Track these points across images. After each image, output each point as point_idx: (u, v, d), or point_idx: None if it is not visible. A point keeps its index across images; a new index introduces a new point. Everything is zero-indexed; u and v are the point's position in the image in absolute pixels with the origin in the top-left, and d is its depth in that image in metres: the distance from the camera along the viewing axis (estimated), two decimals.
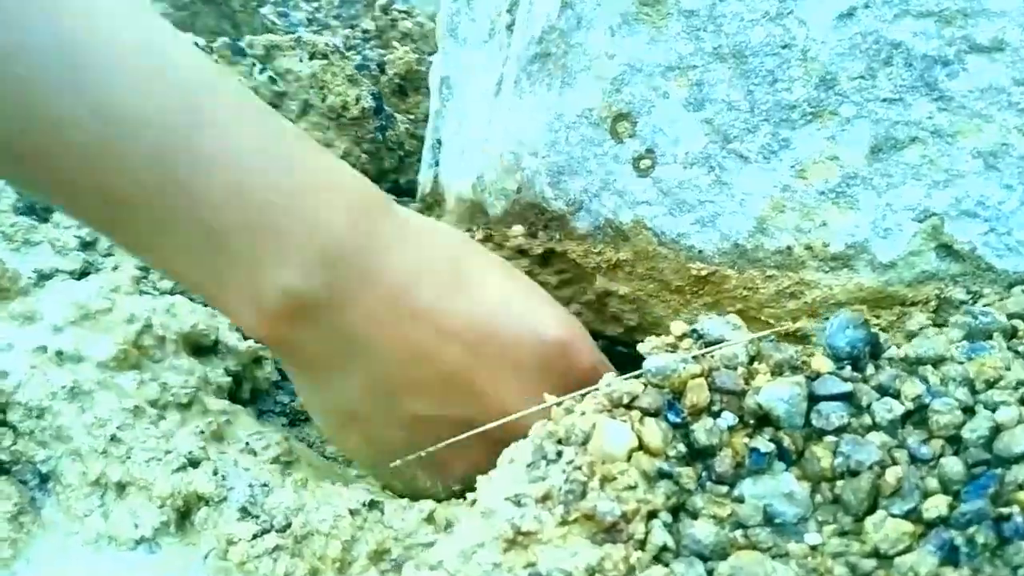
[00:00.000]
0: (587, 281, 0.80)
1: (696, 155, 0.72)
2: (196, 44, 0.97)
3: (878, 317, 0.68)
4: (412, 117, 1.22)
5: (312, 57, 1.01)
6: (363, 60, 1.21)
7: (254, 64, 0.99)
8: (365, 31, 1.69)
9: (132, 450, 0.56)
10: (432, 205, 0.97)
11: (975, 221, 0.64)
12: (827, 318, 0.62)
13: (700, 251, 0.73)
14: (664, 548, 0.43)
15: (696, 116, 0.71)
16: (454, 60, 0.93)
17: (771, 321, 0.72)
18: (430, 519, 0.54)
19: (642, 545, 0.44)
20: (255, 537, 0.51)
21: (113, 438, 0.57)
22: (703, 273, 0.73)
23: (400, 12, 1.69)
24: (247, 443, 0.61)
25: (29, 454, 0.57)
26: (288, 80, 0.99)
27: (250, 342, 0.81)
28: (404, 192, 1.07)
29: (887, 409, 0.48)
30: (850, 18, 0.66)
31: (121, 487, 0.55)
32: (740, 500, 0.46)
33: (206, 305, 0.86)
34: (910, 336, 0.63)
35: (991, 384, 0.49)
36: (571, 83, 0.77)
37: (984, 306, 0.60)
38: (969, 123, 0.64)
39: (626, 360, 0.67)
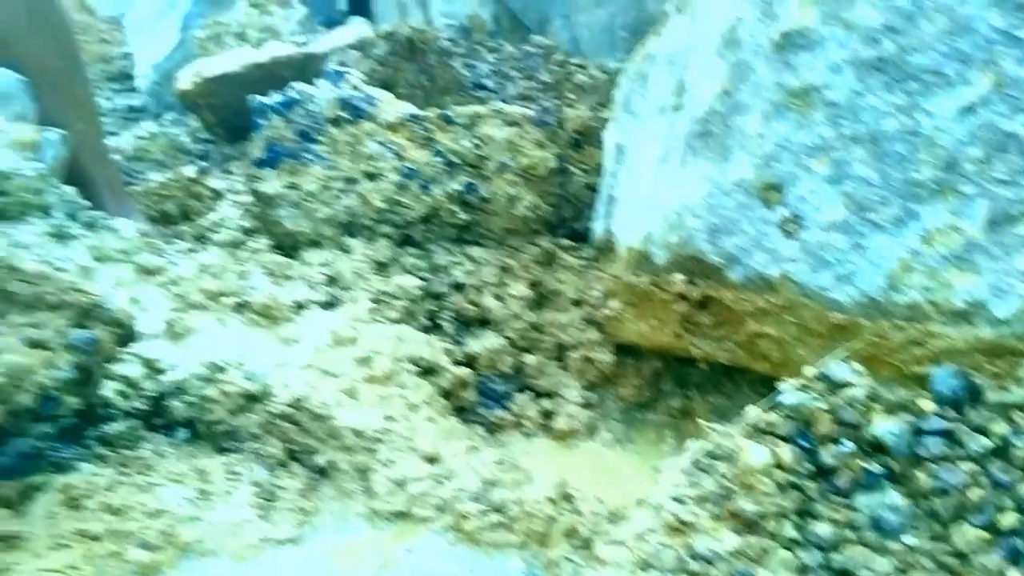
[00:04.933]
0: (739, 323, 0.94)
1: (836, 222, 0.85)
2: (414, 115, 1.18)
3: (994, 364, 0.80)
4: (585, 167, 1.38)
5: (508, 125, 1.20)
6: (543, 118, 1.39)
7: (461, 131, 1.18)
8: (543, 83, 1.88)
9: (388, 447, 0.75)
10: (605, 251, 1.14)
11: None
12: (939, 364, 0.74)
13: (839, 303, 0.86)
14: (793, 540, 0.58)
15: (836, 189, 0.85)
16: (628, 130, 1.09)
17: (899, 365, 0.84)
18: (611, 512, 0.70)
19: (775, 537, 0.59)
20: (483, 514, 0.68)
21: (375, 439, 0.76)
22: (840, 322, 0.86)
23: (575, 65, 1.86)
24: (473, 446, 0.80)
25: (311, 446, 0.77)
26: (488, 144, 1.18)
27: (460, 368, 1.00)
28: (579, 237, 1.24)
29: (978, 444, 0.60)
30: (971, 112, 0.78)
31: (381, 476, 0.74)
32: (855, 508, 0.60)
33: (425, 331, 1.06)
34: (1020, 381, 0.74)
35: None
36: (728, 157, 0.91)
37: None
38: None
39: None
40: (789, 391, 0.67)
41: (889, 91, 0.81)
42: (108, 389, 0.84)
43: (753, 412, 0.66)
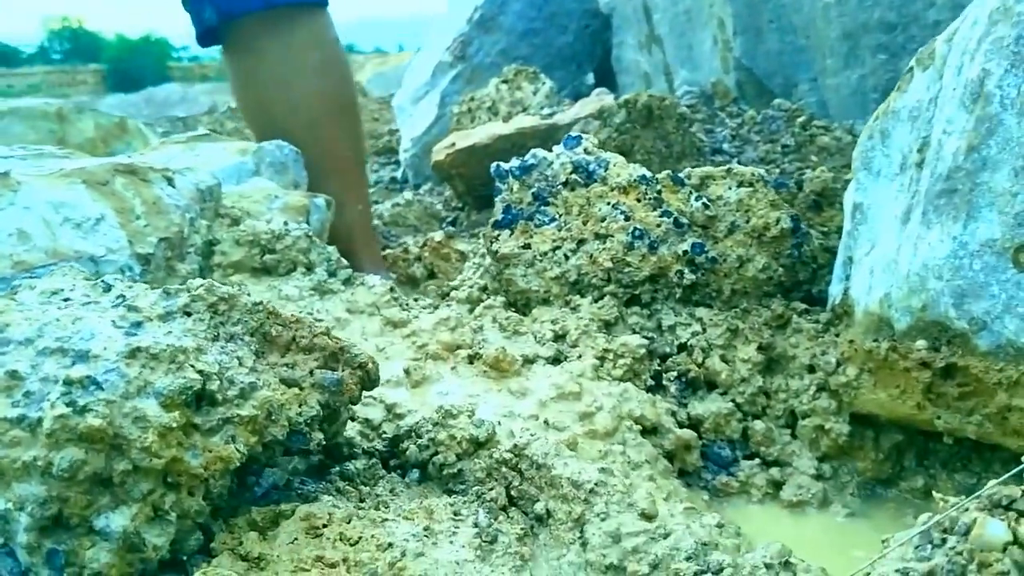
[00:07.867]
0: (988, 395, 0.87)
1: None
2: (643, 176, 1.20)
3: None
4: (825, 230, 1.33)
5: (740, 185, 1.19)
6: (781, 178, 1.37)
7: (691, 192, 1.19)
8: (785, 146, 1.85)
9: (605, 502, 0.76)
10: (841, 315, 1.09)
11: None
12: None
13: None
14: None
15: None
16: (867, 189, 1.05)
17: None
18: None
19: None
20: (697, 574, 0.67)
21: (591, 491, 0.77)
22: None
23: (819, 128, 1.82)
24: (692, 507, 0.79)
25: (531, 493, 0.80)
26: (718, 205, 1.18)
27: (684, 431, 1.00)
28: (816, 301, 1.20)
29: None
30: None
31: (596, 528, 0.75)
32: None
33: (649, 390, 1.06)
34: None
35: None
36: (976, 216, 0.86)
37: None
38: None
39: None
40: None
41: None
42: (353, 430, 0.91)
43: (992, 486, 0.61)
